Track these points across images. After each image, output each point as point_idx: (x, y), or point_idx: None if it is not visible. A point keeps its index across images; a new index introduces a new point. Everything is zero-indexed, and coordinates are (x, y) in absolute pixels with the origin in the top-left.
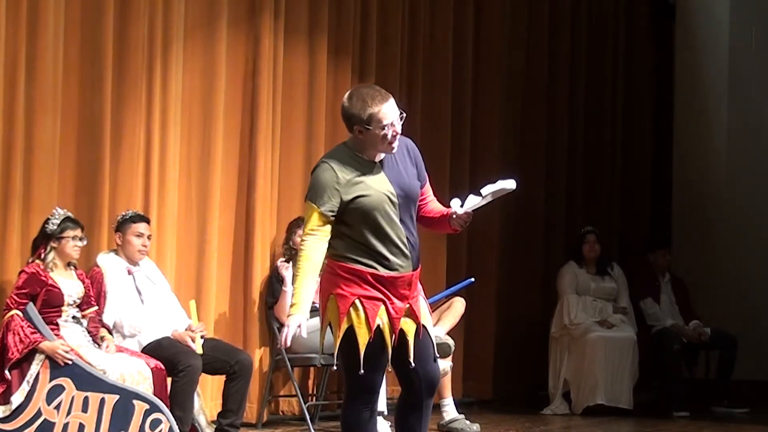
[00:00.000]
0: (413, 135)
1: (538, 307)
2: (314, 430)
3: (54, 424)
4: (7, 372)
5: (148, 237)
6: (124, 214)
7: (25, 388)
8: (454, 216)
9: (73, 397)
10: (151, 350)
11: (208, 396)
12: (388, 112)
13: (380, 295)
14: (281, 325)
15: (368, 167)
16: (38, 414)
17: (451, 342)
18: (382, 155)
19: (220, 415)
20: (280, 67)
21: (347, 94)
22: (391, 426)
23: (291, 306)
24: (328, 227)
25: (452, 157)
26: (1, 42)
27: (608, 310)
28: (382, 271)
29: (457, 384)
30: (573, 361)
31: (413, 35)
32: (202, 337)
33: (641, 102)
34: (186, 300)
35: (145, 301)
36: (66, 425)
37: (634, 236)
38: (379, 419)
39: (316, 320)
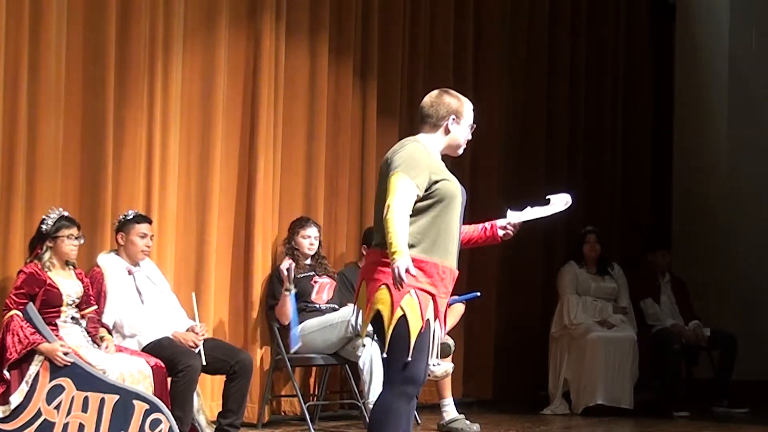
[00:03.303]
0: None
1: (538, 307)
2: (314, 430)
3: (54, 424)
4: (6, 372)
5: (151, 237)
6: (125, 214)
7: (23, 388)
8: (509, 225)
9: (73, 397)
10: (150, 350)
11: (208, 396)
12: (472, 113)
13: (432, 290)
14: (281, 326)
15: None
16: (38, 414)
17: (451, 342)
18: None
19: (220, 415)
20: (281, 67)
21: (433, 92)
22: None
23: (395, 253)
24: (412, 204)
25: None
26: (3, 42)
27: (608, 310)
28: (442, 264)
29: (457, 384)
30: (573, 361)
31: (414, 35)
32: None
33: (641, 102)
34: (186, 300)
35: (145, 302)
36: (66, 425)
37: (634, 236)
38: None
39: (317, 320)
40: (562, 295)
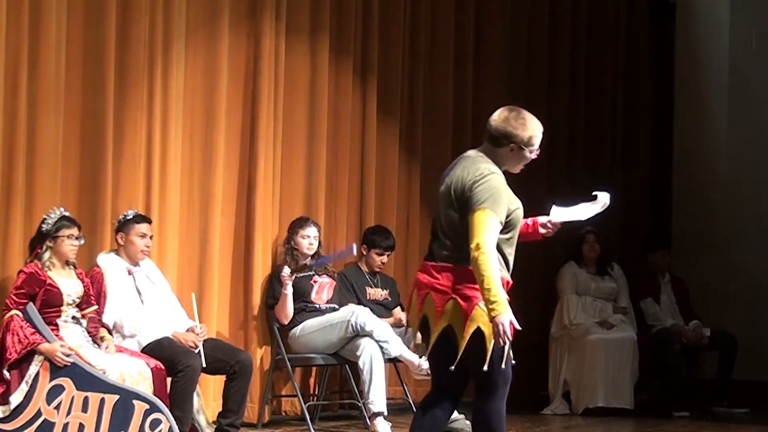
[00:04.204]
0: (414, 136)
1: (538, 307)
2: (314, 430)
3: (54, 424)
4: (6, 372)
5: (150, 237)
6: (125, 214)
7: (23, 388)
8: (549, 224)
9: (73, 397)
10: (150, 350)
11: (208, 396)
12: (540, 138)
13: (507, 297)
14: (281, 326)
15: None
16: (38, 414)
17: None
18: None
19: (220, 415)
20: (282, 66)
21: (504, 112)
22: (392, 426)
23: (497, 304)
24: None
25: (453, 157)
26: (3, 41)
27: (608, 310)
28: (507, 279)
29: None
30: (573, 361)
31: (415, 35)
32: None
33: (641, 102)
34: (187, 300)
35: (145, 302)
36: (66, 425)
37: (634, 236)
38: (380, 419)
39: (317, 320)
40: (561, 296)
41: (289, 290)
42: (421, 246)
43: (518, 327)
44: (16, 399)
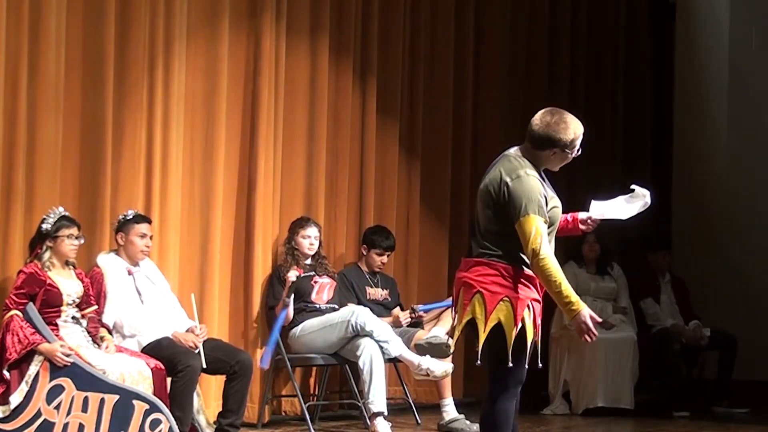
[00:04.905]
0: (414, 135)
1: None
2: (314, 430)
3: (54, 424)
4: (6, 372)
5: (150, 237)
6: (125, 214)
7: (23, 388)
8: (590, 220)
9: (73, 397)
10: (150, 350)
11: (208, 396)
12: (581, 137)
13: (539, 297)
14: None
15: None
16: (38, 414)
17: (451, 342)
18: None
19: (220, 415)
20: (282, 67)
21: (546, 116)
22: (392, 426)
23: (572, 304)
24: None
25: (453, 156)
26: (3, 42)
27: (608, 310)
28: None
29: (458, 384)
30: (573, 361)
31: (414, 35)
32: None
33: (641, 102)
34: (187, 300)
35: (145, 302)
36: (66, 425)
37: (634, 236)
38: (380, 419)
39: (317, 320)
40: None
41: (292, 298)
42: (421, 246)
43: (599, 320)
44: (16, 399)
